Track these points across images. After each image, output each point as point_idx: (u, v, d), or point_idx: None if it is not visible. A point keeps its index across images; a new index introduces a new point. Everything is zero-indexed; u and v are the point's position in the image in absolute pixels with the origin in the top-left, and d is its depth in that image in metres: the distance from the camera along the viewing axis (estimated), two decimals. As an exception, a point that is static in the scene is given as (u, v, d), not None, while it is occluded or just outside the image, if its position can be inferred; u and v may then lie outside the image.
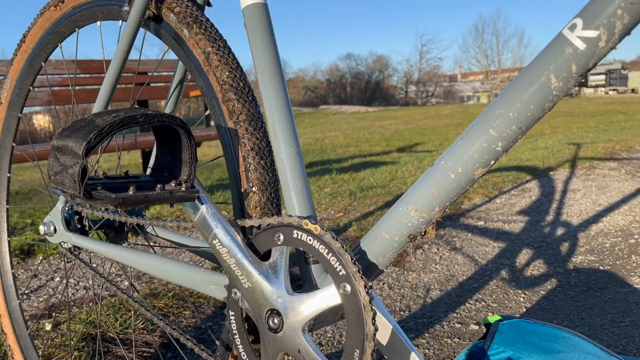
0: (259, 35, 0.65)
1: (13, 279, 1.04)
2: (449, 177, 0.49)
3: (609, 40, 0.42)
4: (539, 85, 0.44)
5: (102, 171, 0.59)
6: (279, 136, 0.62)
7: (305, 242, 0.54)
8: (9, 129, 1.02)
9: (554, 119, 8.81)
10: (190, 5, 0.72)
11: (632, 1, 0.40)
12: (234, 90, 0.66)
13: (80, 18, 0.87)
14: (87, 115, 0.59)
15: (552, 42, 0.44)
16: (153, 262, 0.68)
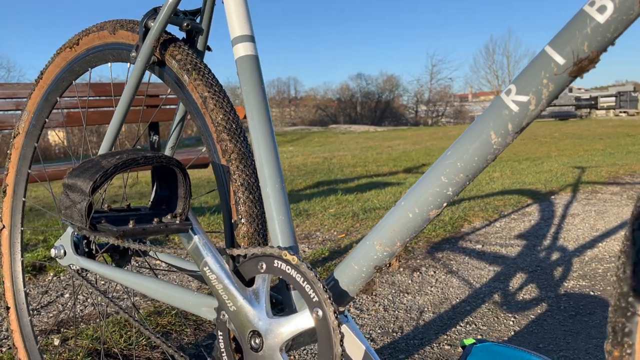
0: (250, 83, 0.72)
1: (25, 297, 1.11)
2: (408, 217, 0.56)
3: (537, 104, 0.49)
4: (482, 140, 0.51)
5: (107, 204, 0.66)
6: (266, 173, 0.69)
7: (284, 271, 0.61)
8: (25, 157, 1.10)
9: (562, 141, 8.84)
10: (190, 53, 0.80)
11: (555, 72, 0.47)
12: (227, 132, 0.73)
13: (93, 59, 0.96)
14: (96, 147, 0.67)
15: (492, 103, 0.51)
16: (151, 285, 0.75)
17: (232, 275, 0.65)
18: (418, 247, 2.42)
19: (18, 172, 1.11)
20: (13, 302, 1.11)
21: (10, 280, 1.12)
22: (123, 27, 0.88)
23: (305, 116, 26.58)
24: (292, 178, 5.80)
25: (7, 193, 1.12)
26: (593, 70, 0.47)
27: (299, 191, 4.81)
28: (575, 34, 0.46)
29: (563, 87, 0.48)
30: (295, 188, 5.01)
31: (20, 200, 1.12)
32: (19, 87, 2.74)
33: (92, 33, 0.94)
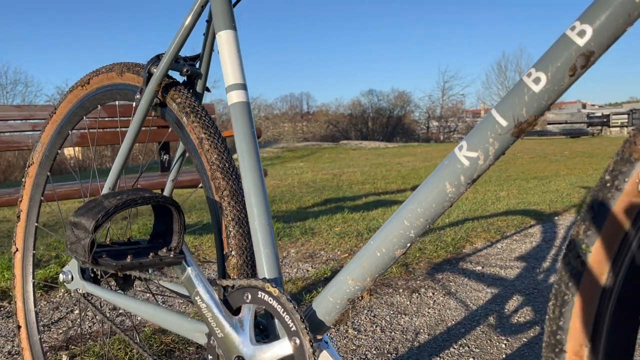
0: (241, 127, 0.79)
1: (35, 316, 1.18)
2: (376, 255, 0.62)
3: (486, 160, 0.55)
4: (439, 189, 0.57)
5: (110, 238, 0.73)
6: (254, 210, 0.76)
7: (267, 302, 0.67)
8: (39, 185, 1.18)
9: (571, 159, 8.83)
10: (189, 97, 0.88)
11: (499, 133, 0.53)
12: (220, 170, 0.80)
13: (102, 97, 1.04)
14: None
15: (447, 158, 0.57)
16: (150, 310, 0.82)
17: (221, 304, 0.71)
18: (419, 268, 2.47)
19: (31, 199, 1.19)
20: (24, 321, 1.18)
21: (22, 301, 1.19)
22: (129, 70, 0.96)
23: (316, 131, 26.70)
24: (300, 195, 5.86)
25: (20, 218, 1.20)
26: (607, 86, 0.53)
27: (307, 208, 4.87)
28: (515, 101, 0.52)
29: (507, 145, 0.55)
30: (304, 205, 5.07)
31: (33, 225, 1.19)
32: (35, 109, 2.85)
33: (101, 74, 1.02)
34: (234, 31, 0.82)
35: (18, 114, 2.79)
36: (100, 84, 1.03)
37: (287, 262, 2.78)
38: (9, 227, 4.32)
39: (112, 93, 1.01)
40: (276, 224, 3.56)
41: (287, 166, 10.59)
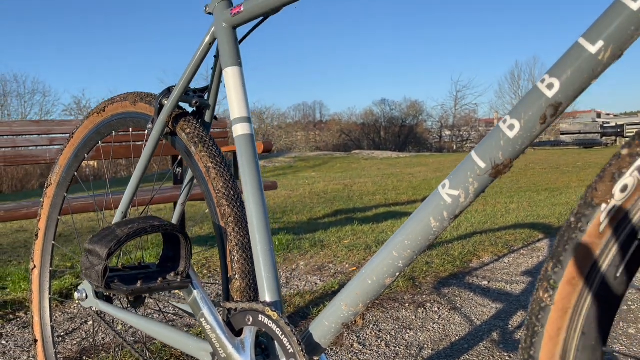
0: (245, 157, 0.84)
1: (51, 330, 1.24)
2: (368, 283, 0.67)
3: (466, 198, 0.59)
4: (424, 224, 0.62)
5: (122, 262, 0.79)
6: (257, 235, 0.81)
7: (267, 325, 0.72)
8: (56, 205, 1.24)
9: (584, 171, 8.78)
10: (197, 127, 0.93)
11: (478, 173, 0.58)
12: (226, 198, 0.85)
13: (116, 124, 1.10)
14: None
15: (430, 196, 0.62)
16: (158, 329, 0.87)
17: (224, 326, 0.76)
18: (426, 282, 2.50)
19: (49, 218, 1.25)
20: (41, 336, 1.24)
21: (38, 315, 1.25)
22: (142, 100, 1.02)
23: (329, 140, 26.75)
24: (311, 206, 5.91)
25: (39, 236, 1.26)
26: (623, 95, 0.56)
27: (317, 220, 4.91)
28: (492, 145, 0.57)
29: (486, 185, 0.59)
30: (314, 216, 5.12)
31: (50, 243, 1.25)
32: (53, 124, 2.93)
33: (116, 102, 1.08)
34: (240, 67, 0.87)
35: (36, 128, 2.88)
36: (115, 112, 1.09)
37: (296, 274, 2.83)
38: (26, 237, 4.42)
39: (125, 121, 1.07)
40: (286, 236, 3.61)
41: (299, 176, 10.65)
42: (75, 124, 3.02)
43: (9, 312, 2.30)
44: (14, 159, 2.77)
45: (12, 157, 2.77)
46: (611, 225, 0.48)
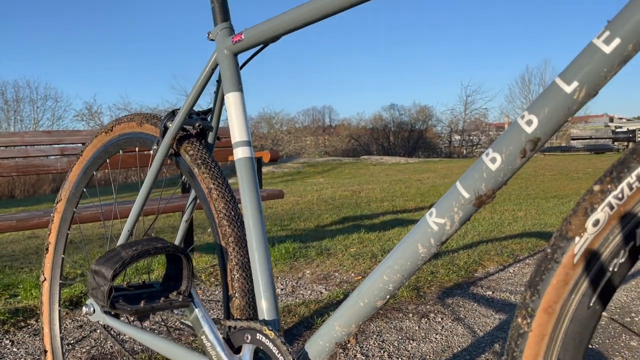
0: (245, 180, 0.88)
1: (60, 341, 1.28)
2: (359, 305, 0.70)
3: (452, 226, 0.62)
4: (412, 250, 0.65)
5: (126, 281, 0.82)
6: (256, 255, 0.84)
7: (264, 343, 0.75)
8: (66, 219, 1.28)
9: (593, 177, 8.73)
10: (201, 149, 0.97)
11: (462, 203, 0.61)
12: (226, 219, 0.89)
13: (123, 143, 1.14)
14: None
15: (418, 223, 0.65)
16: (161, 344, 0.90)
17: (224, 343, 0.79)
18: (430, 292, 2.52)
19: (59, 232, 1.29)
20: (50, 347, 1.28)
21: (48, 327, 1.29)
22: (148, 121, 1.06)
23: (338, 145, 26.77)
24: (319, 212, 5.94)
25: (49, 250, 1.30)
26: (635, 100, 0.57)
27: (324, 227, 4.94)
28: (476, 177, 0.59)
29: (470, 214, 0.62)
30: (322, 223, 5.14)
31: (60, 256, 1.30)
32: (64, 134, 2.99)
33: (123, 122, 1.12)
34: (241, 93, 0.91)
35: (48, 138, 2.94)
36: (122, 132, 1.13)
37: (302, 283, 2.86)
38: (38, 244, 4.49)
39: (132, 140, 1.11)
40: (293, 244, 3.64)
41: (307, 182, 10.68)
42: (86, 134, 3.08)
43: (20, 320, 2.35)
44: (26, 168, 2.83)
45: (24, 167, 2.83)
46: (584, 258, 0.51)
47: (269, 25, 0.84)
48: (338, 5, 0.75)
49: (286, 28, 0.82)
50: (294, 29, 0.82)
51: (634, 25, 0.49)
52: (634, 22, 0.49)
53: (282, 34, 0.84)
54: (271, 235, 4.42)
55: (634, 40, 0.50)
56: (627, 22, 0.50)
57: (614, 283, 0.50)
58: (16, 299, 2.67)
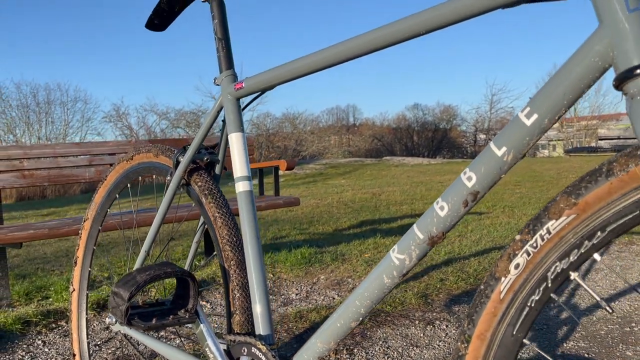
0: (245, 211, 1.00)
1: (87, 346, 1.42)
2: (337, 326, 0.81)
3: (410, 261, 0.73)
4: (379, 281, 0.76)
5: (141, 299, 0.95)
6: (254, 276, 0.96)
7: (258, 356, 0.87)
8: (92, 236, 1.43)
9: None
10: (208, 181, 1.09)
11: (418, 242, 0.72)
12: (229, 244, 1.01)
13: (142, 171, 1.27)
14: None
15: (384, 258, 0.76)
16: (173, 353, 1.03)
17: (225, 355, 0.92)
18: (438, 299, 2.61)
19: (86, 248, 1.43)
20: (78, 350, 1.42)
21: (77, 333, 1.44)
22: (163, 153, 1.19)
23: (361, 145, 26.82)
24: (338, 216, 6.05)
25: (77, 264, 1.45)
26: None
27: (342, 231, 5.05)
28: (428, 221, 0.70)
29: (425, 252, 0.73)
30: (339, 227, 5.25)
31: (87, 269, 1.44)
32: (91, 145, 3.17)
33: (142, 152, 1.25)
34: (242, 133, 1.03)
35: (77, 150, 3.12)
36: (141, 160, 1.26)
37: (316, 288, 2.98)
38: (68, 246, 4.71)
39: (149, 169, 1.24)
40: (309, 249, 3.76)
41: (329, 184, 10.80)
42: (112, 144, 3.26)
43: (51, 322, 2.52)
44: (57, 178, 3.02)
45: (55, 177, 3.01)
46: (508, 294, 0.62)
47: (265, 76, 0.96)
48: (322, 64, 0.87)
49: (280, 80, 0.94)
50: (287, 81, 0.94)
51: (549, 104, 0.60)
52: (549, 102, 0.60)
53: (276, 84, 0.96)
54: (290, 239, 4.56)
55: (549, 115, 0.60)
56: (544, 101, 0.60)
57: (531, 316, 0.61)
58: (47, 301, 2.85)
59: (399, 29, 0.76)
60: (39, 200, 12.63)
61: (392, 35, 0.77)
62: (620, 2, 0.55)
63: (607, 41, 0.56)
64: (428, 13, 0.72)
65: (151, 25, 1.25)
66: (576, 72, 0.59)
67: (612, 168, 0.55)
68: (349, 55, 0.83)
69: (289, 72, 0.92)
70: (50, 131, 18.82)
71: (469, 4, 0.68)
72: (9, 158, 2.89)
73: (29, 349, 2.21)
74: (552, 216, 0.59)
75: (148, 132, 20.22)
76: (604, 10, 0.56)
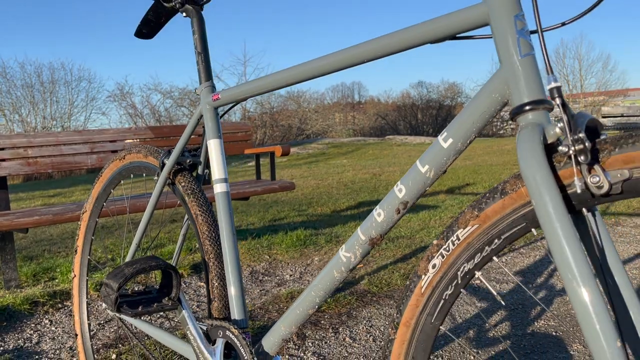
0: (222, 208, 1.12)
1: (88, 326, 1.56)
2: (297, 312, 0.94)
3: (355, 258, 0.85)
4: (330, 275, 0.88)
5: (130, 288, 1.08)
6: (229, 268, 1.09)
7: (230, 337, 1.00)
8: (90, 227, 1.56)
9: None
10: (191, 181, 1.21)
11: (361, 243, 0.84)
12: (209, 239, 1.13)
13: (133, 169, 1.39)
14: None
15: (334, 256, 0.88)
16: (160, 334, 1.17)
17: (203, 337, 1.05)
18: (423, 280, 2.74)
19: (85, 238, 1.57)
20: (80, 331, 1.56)
21: (78, 315, 1.58)
22: (152, 154, 1.31)
23: (365, 123, 26.81)
24: (337, 197, 6.18)
25: (77, 252, 1.58)
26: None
27: (340, 212, 5.18)
28: (368, 225, 0.82)
29: (367, 251, 0.85)
30: (338, 208, 5.38)
31: (86, 257, 1.57)
32: (92, 133, 3.29)
33: (133, 153, 1.37)
34: (220, 139, 1.15)
35: (79, 137, 3.24)
36: (132, 160, 1.38)
37: (309, 270, 3.12)
38: (73, 228, 4.87)
39: (139, 168, 1.36)
40: (304, 232, 3.90)
41: (330, 164, 10.91)
42: (112, 132, 3.38)
43: (57, 302, 2.67)
44: (60, 165, 3.15)
45: (58, 164, 3.14)
46: (427, 289, 0.74)
47: (238, 90, 1.07)
48: (284, 81, 0.98)
49: (251, 94, 1.05)
50: (256, 95, 1.05)
51: (462, 130, 0.71)
52: (462, 129, 0.71)
53: (248, 97, 1.07)
54: (288, 221, 4.69)
55: (462, 140, 0.72)
56: (458, 128, 0.72)
57: (446, 307, 0.73)
58: (54, 282, 3.01)
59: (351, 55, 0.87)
60: (46, 180, 12.82)
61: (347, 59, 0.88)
62: (515, 48, 0.66)
63: (505, 80, 0.67)
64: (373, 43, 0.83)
65: (140, 34, 1.36)
66: (482, 105, 0.70)
67: (505, 187, 0.67)
68: (307, 76, 0.94)
69: (257, 88, 1.03)
70: (55, 110, 18.93)
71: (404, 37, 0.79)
72: (14, 146, 3.02)
73: (37, 327, 2.36)
74: (460, 225, 0.70)
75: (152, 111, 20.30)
76: (503, 54, 0.67)
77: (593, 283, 0.56)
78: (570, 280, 0.57)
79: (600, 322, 0.55)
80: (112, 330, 2.30)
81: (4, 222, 2.62)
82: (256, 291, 2.77)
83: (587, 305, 0.56)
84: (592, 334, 0.55)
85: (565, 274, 0.58)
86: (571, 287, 0.57)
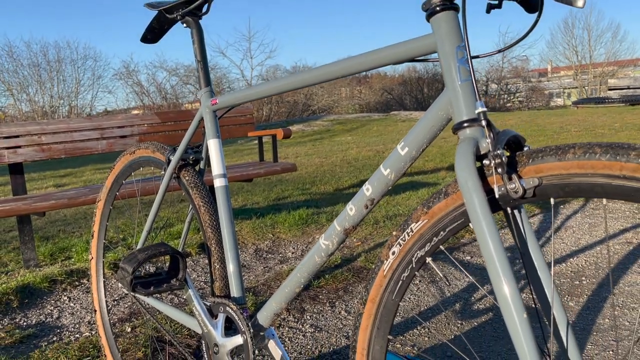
0: (222, 201, 1.27)
1: (105, 303, 1.74)
2: (285, 291, 1.10)
3: (332, 246, 1.00)
4: (313, 260, 1.03)
5: (144, 270, 1.24)
6: (228, 253, 1.24)
7: (230, 312, 1.16)
8: (105, 214, 1.72)
9: (620, 133, 8.77)
10: (194, 174, 1.36)
11: (337, 232, 0.99)
12: (210, 227, 1.29)
13: (143, 162, 1.54)
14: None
15: (316, 244, 1.03)
16: (170, 310, 1.33)
17: (207, 312, 1.21)
18: (417, 257, 2.91)
19: (101, 224, 1.73)
20: (98, 307, 1.74)
21: (96, 292, 1.75)
22: (159, 150, 1.46)
23: (371, 98, 26.77)
24: (340, 175, 6.33)
25: (94, 236, 1.75)
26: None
27: (342, 190, 5.34)
28: (343, 217, 0.97)
29: (343, 239, 1.00)
30: (340, 187, 5.54)
31: (102, 241, 1.74)
32: (102, 119, 3.44)
33: (142, 148, 1.52)
34: (219, 139, 1.29)
35: (89, 124, 3.40)
36: (141, 155, 1.53)
37: (311, 247, 3.29)
38: (85, 209, 5.05)
39: (148, 162, 1.51)
40: (307, 210, 4.06)
41: (335, 141, 11.03)
42: (121, 118, 3.53)
43: (75, 280, 2.86)
44: (72, 151, 3.31)
45: (71, 150, 3.30)
46: (389, 272, 0.89)
47: (233, 96, 1.22)
48: (276, 89, 1.12)
49: (245, 99, 1.20)
50: (249, 101, 1.19)
51: (416, 141, 0.85)
52: (415, 140, 0.85)
53: (242, 103, 1.21)
54: (291, 200, 4.86)
55: (416, 148, 0.86)
56: (413, 139, 0.86)
57: (403, 287, 0.88)
58: (70, 261, 3.20)
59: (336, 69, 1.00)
60: (57, 160, 13.02)
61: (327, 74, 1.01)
62: (457, 74, 0.80)
63: (449, 100, 0.81)
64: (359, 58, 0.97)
65: (145, 40, 1.49)
66: (431, 121, 0.84)
67: (448, 189, 0.81)
68: (296, 85, 1.08)
69: (248, 95, 1.18)
70: (62, 89, 19.08)
71: (373, 58, 0.93)
72: (29, 134, 3.18)
73: (57, 304, 2.56)
74: (413, 220, 0.85)
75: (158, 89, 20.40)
76: (447, 78, 0.81)
77: (509, 272, 0.71)
78: (491, 269, 0.72)
79: (512, 297, 0.70)
80: (126, 306, 2.48)
81: (22, 207, 2.80)
82: (260, 268, 2.95)
83: (501, 280, 0.71)
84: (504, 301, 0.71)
85: (488, 263, 0.73)
86: (491, 268, 0.72)
